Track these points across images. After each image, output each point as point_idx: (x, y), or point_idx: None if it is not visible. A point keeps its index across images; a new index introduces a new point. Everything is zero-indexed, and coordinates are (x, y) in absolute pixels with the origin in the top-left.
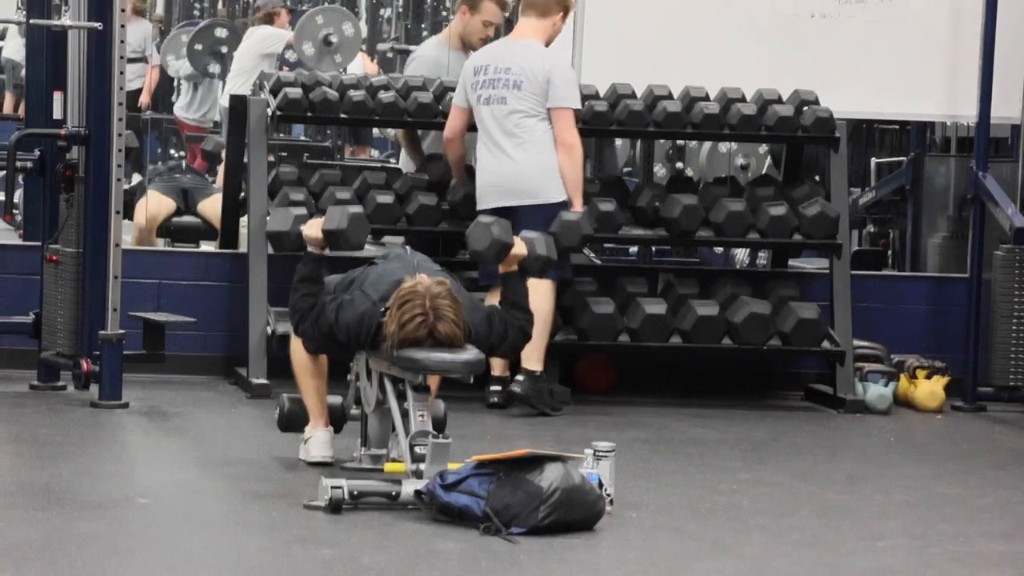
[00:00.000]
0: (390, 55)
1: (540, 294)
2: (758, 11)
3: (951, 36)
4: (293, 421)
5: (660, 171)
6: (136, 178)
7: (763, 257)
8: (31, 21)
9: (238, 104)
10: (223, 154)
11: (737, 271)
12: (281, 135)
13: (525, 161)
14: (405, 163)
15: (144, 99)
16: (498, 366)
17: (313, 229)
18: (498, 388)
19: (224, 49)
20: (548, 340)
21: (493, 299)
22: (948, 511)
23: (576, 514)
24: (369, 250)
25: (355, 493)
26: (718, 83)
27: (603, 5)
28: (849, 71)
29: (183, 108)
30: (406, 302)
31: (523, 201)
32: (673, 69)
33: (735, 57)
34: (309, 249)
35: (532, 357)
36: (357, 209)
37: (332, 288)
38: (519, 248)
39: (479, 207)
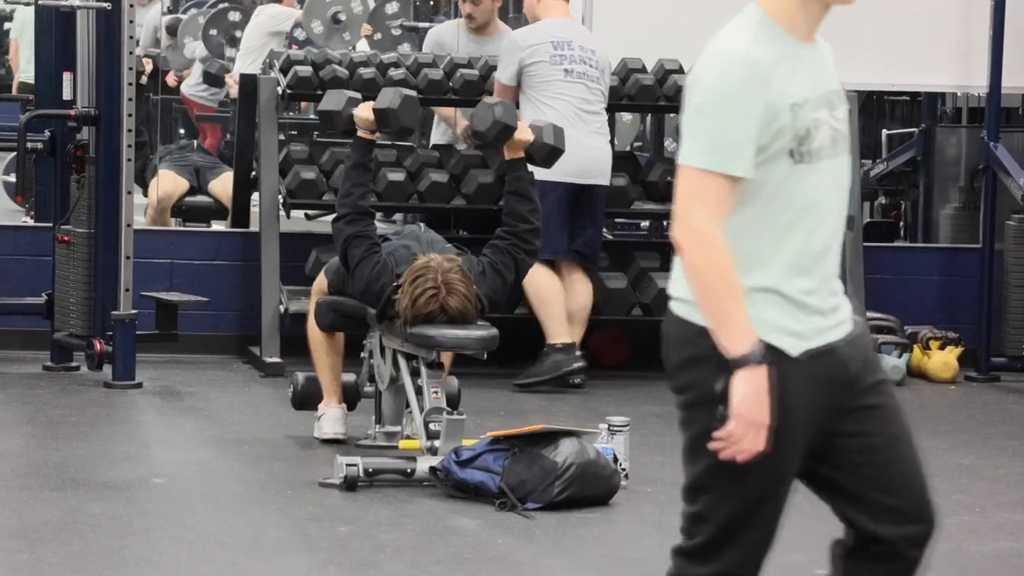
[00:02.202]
0: (396, 32)
1: (583, 287)
2: None
3: (962, 6)
4: (307, 399)
5: (671, 145)
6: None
7: None
8: (40, 2)
9: (248, 83)
10: (226, 78)
11: None
12: (291, 113)
13: (605, 146)
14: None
15: (171, 79)
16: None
17: (364, 110)
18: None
19: (238, 34)
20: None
21: (567, 274)
22: (963, 482)
23: (591, 489)
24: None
25: (370, 470)
26: None
27: None
28: (859, 42)
29: (192, 87)
30: (418, 277)
31: (599, 181)
32: (683, 42)
33: None
34: (360, 133)
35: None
36: (410, 92)
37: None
38: (525, 133)
39: (560, 179)
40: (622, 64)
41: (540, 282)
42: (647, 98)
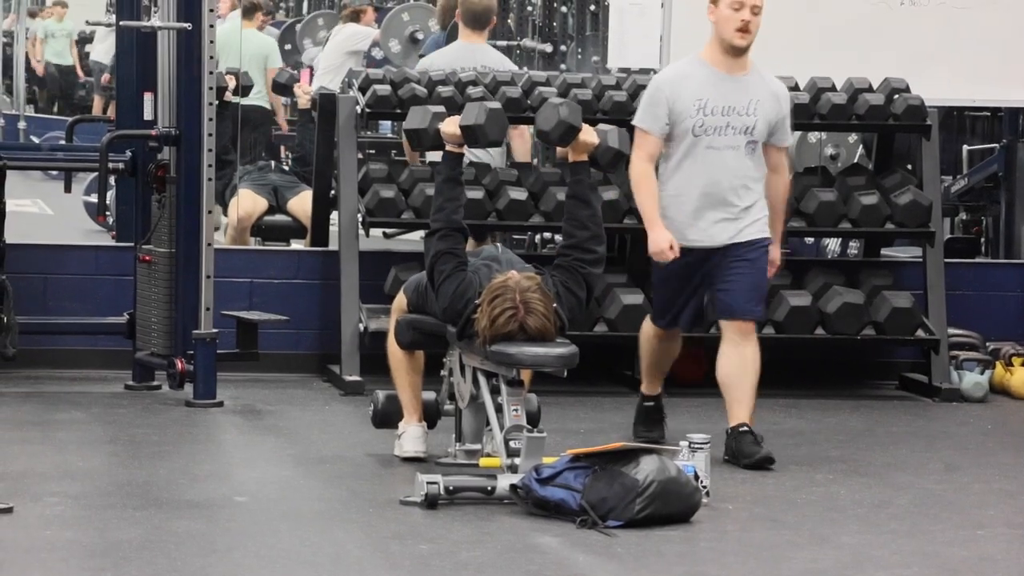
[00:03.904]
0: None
1: (751, 356)
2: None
3: None
4: (387, 418)
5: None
6: None
7: (854, 247)
8: (121, 23)
9: (327, 102)
10: (295, 88)
11: (829, 261)
12: (369, 132)
13: None
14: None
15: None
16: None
17: (451, 126)
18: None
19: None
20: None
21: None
22: None
23: (672, 506)
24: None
25: (451, 488)
26: (808, 72)
27: None
28: (939, 58)
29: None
30: (496, 296)
31: None
32: (762, 59)
33: (824, 46)
34: (448, 147)
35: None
36: (495, 105)
37: (420, 282)
38: (590, 136)
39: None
40: (811, 82)
41: None
42: (838, 117)
